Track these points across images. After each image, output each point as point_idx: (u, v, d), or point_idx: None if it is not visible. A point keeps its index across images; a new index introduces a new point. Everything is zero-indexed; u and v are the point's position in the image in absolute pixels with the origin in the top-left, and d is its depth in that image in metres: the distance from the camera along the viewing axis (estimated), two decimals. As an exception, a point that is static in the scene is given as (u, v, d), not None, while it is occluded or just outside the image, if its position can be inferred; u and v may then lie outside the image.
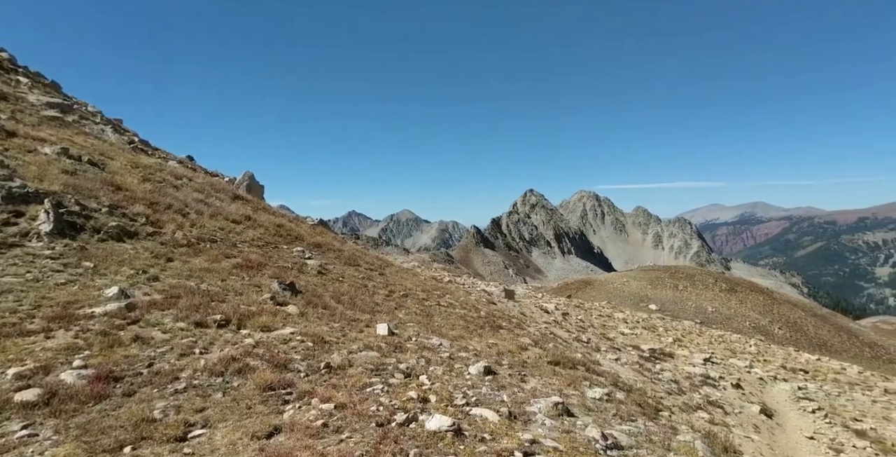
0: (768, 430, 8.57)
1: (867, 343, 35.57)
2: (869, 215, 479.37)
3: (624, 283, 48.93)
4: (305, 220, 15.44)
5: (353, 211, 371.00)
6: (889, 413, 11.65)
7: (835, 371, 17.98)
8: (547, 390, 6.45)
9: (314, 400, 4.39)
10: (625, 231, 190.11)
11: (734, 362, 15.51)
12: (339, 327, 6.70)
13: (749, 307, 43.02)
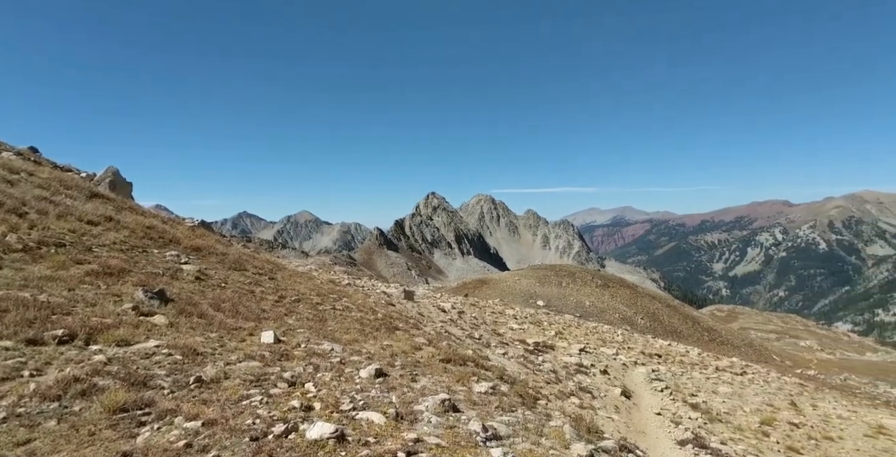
0: (626, 409, 9.60)
1: (706, 329, 41.32)
2: (709, 219, 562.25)
3: (516, 281, 51.51)
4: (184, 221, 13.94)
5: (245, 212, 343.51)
6: (717, 387, 13.72)
7: (681, 354, 20.73)
8: (436, 388, 6.52)
9: (178, 419, 3.92)
10: (517, 233, 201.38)
11: (604, 350, 17.13)
12: (217, 337, 6.14)
13: (619, 301, 47.50)
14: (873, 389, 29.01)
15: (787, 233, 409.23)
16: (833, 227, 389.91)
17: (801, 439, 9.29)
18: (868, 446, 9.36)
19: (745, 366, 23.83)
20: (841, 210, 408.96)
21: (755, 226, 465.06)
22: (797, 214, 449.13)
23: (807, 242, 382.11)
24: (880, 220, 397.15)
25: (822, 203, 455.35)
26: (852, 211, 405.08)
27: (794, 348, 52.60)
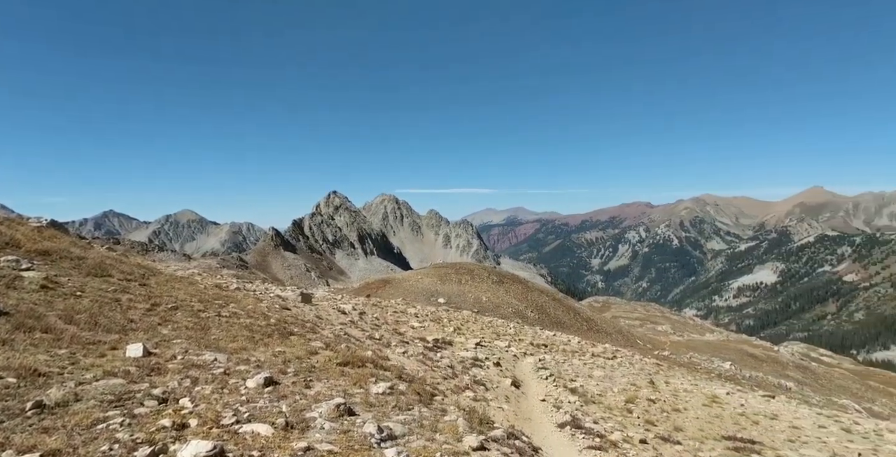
0: (515, 399, 10.17)
1: (585, 319, 45.31)
2: (588, 219, 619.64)
3: (418, 280, 51.84)
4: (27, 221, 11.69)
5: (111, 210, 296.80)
6: (592, 372, 15.15)
7: (564, 343, 22.53)
8: (331, 393, 6.28)
9: (6, 454, 3.26)
10: (420, 232, 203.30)
11: (498, 343, 17.97)
12: (68, 354, 5.24)
13: (512, 296, 50.04)
14: (710, 364, 34.24)
15: (649, 231, 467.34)
16: (683, 226, 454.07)
17: (657, 412, 10.61)
18: (705, 413, 11.01)
19: (615, 351, 26.59)
20: (689, 211, 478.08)
21: (624, 225, 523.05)
22: (656, 215, 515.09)
23: (663, 239, 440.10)
24: (717, 219, 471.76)
25: (674, 205, 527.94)
26: (697, 212, 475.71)
27: (653, 332, 60.04)
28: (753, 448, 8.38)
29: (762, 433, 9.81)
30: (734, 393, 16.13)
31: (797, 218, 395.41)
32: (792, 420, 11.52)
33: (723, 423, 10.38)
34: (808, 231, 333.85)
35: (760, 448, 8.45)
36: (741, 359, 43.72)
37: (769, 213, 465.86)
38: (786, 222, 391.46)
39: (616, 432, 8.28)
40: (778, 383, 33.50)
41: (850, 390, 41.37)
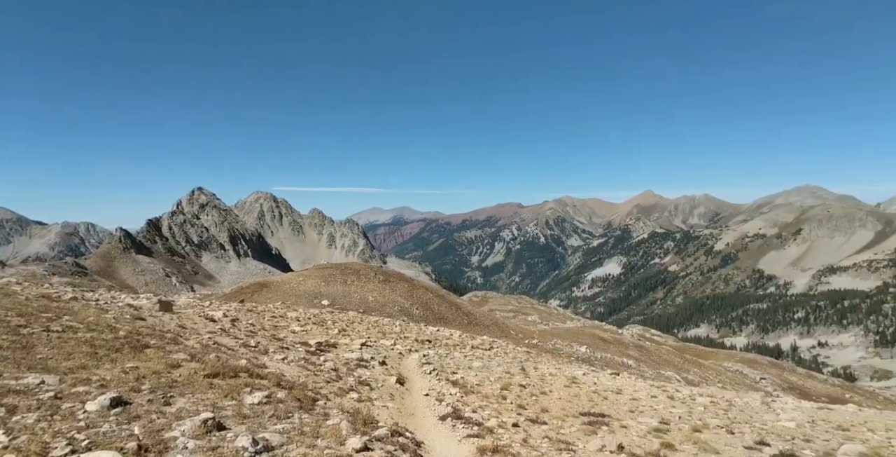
0: (400, 395, 10.24)
1: (465, 313, 47.42)
2: (468, 218, 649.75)
3: (300, 282, 49.18)
4: None
5: None
6: (471, 363, 15.93)
7: (446, 338, 23.33)
8: (197, 408, 5.65)
9: None
10: (302, 232, 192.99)
11: (383, 342, 17.89)
12: None
13: (398, 294, 50.19)
14: (570, 349, 38.33)
15: (521, 230, 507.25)
16: (549, 224, 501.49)
17: (527, 396, 11.55)
18: (566, 394, 12.30)
19: (492, 342, 28.28)
20: (553, 211, 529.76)
21: (500, 224, 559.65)
22: (527, 215, 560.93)
23: (532, 236, 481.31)
24: (575, 219, 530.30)
25: (541, 206, 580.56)
26: (559, 212, 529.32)
27: (524, 322, 65.19)
28: (603, 421, 9.59)
29: (610, 407, 11.28)
30: (589, 374, 18.26)
31: (635, 218, 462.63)
32: (632, 393, 13.45)
33: (580, 401, 11.69)
34: (643, 229, 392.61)
35: (609, 420, 9.70)
36: (594, 343, 49.63)
37: (615, 213, 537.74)
38: (627, 221, 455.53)
39: (492, 419, 8.81)
40: (622, 362, 38.76)
41: (672, 363, 49.58)
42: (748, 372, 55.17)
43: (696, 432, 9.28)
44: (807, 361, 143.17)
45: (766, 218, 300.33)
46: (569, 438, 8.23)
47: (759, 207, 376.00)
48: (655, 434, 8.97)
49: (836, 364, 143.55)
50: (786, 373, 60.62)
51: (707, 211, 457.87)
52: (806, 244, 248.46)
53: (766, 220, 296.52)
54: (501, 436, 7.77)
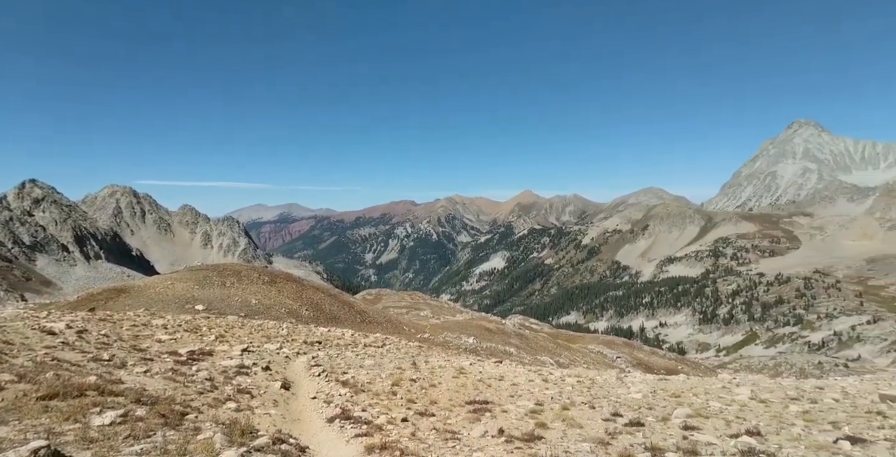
0: (285, 401, 9.71)
1: (358, 311, 46.60)
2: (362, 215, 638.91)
3: (168, 286, 43.78)
4: None
5: None
6: (363, 362, 15.74)
7: (338, 338, 22.67)
8: (26, 436, 4.73)
9: None
10: (171, 231, 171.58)
11: (268, 346, 16.76)
12: None
13: (285, 295, 47.43)
14: (459, 341, 39.91)
15: (414, 227, 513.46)
16: (440, 222, 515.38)
17: (417, 390, 11.75)
18: (454, 384, 12.78)
19: (384, 339, 28.20)
20: (444, 209, 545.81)
21: (394, 221, 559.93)
22: (420, 212, 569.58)
23: (425, 234, 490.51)
24: (465, 216, 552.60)
25: (433, 203, 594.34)
26: (450, 210, 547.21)
27: (417, 317, 66.12)
28: (487, 407, 10.17)
29: (493, 394, 11.99)
30: (476, 363, 19.18)
31: (517, 215, 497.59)
32: (513, 379, 14.46)
33: (466, 390, 12.23)
34: (523, 226, 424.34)
35: (492, 406, 10.31)
36: (481, 334, 52.29)
37: (499, 211, 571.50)
38: (510, 219, 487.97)
39: (382, 416, 8.80)
40: (504, 350, 41.42)
41: (548, 348, 54.40)
42: (607, 352, 62.74)
43: (565, 409, 10.30)
44: (651, 339, 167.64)
45: (622, 216, 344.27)
46: (455, 427, 8.57)
47: (616, 206, 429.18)
48: (531, 415, 9.76)
49: (672, 341, 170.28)
50: (635, 351, 70.20)
51: (576, 209, 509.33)
52: (651, 238, 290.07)
53: (621, 217, 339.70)
54: (390, 432, 7.80)
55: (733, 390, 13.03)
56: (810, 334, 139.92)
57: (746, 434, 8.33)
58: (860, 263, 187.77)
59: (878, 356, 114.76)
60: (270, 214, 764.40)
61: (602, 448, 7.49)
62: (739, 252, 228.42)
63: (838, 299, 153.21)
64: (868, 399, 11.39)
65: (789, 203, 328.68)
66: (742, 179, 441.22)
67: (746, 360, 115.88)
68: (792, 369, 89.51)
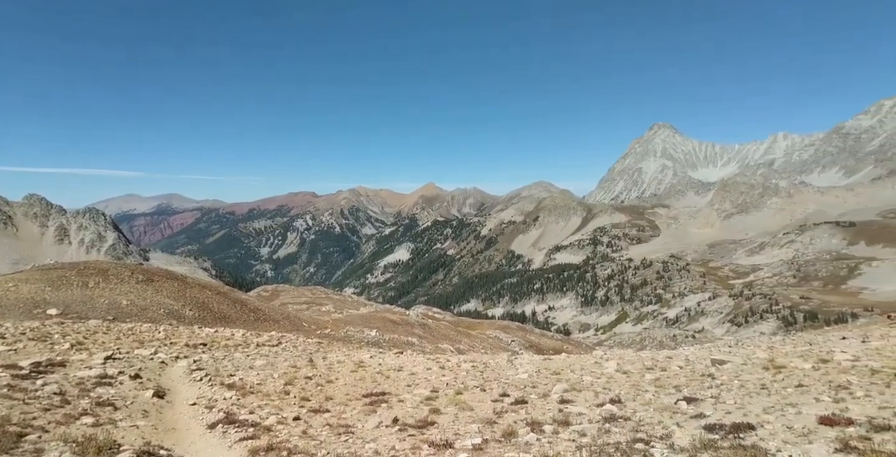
0: (158, 411, 8.77)
1: (252, 309, 43.67)
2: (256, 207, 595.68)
3: (10, 289, 36.85)
4: None
5: None
6: (254, 362, 14.81)
7: (226, 338, 21.00)
8: None
9: None
10: (13, 224, 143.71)
11: (140, 352, 14.95)
12: None
13: (164, 295, 42.78)
14: (361, 334, 39.46)
15: (315, 219, 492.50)
16: (343, 214, 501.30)
17: (312, 387, 11.39)
18: (352, 379, 12.65)
19: (280, 337, 26.79)
20: (347, 201, 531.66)
21: (293, 213, 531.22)
22: (321, 204, 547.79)
23: (328, 226, 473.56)
24: (369, 208, 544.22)
25: (336, 195, 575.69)
26: (354, 202, 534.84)
27: (318, 313, 63.84)
28: (384, 398, 10.23)
29: (391, 385, 12.09)
30: (376, 356, 19.14)
31: (420, 207, 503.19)
32: (411, 369, 14.71)
33: (364, 383, 12.16)
34: (427, 218, 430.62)
35: (388, 397, 10.40)
36: (385, 326, 52.22)
37: (404, 203, 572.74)
38: (414, 211, 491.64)
39: (272, 417, 8.38)
40: (407, 341, 41.90)
41: (449, 336, 56.21)
42: (503, 337, 66.74)
43: (458, 394, 10.76)
44: (541, 322, 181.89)
45: (516, 208, 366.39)
46: (350, 421, 8.49)
47: (511, 199, 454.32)
48: (427, 403, 10.04)
49: (559, 323, 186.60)
50: (528, 334, 75.66)
51: (475, 202, 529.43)
52: (541, 228, 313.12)
53: (515, 209, 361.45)
54: (279, 432, 7.47)
55: (603, 364, 14.71)
56: (667, 311, 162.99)
57: (610, 403, 9.48)
58: (703, 248, 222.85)
59: (717, 327, 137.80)
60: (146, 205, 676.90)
61: (489, 427, 7.98)
62: (613, 240, 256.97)
63: (688, 280, 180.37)
64: (703, 364, 13.64)
65: (652, 196, 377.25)
66: (615, 174, 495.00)
67: (619, 337, 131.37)
68: (654, 342, 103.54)
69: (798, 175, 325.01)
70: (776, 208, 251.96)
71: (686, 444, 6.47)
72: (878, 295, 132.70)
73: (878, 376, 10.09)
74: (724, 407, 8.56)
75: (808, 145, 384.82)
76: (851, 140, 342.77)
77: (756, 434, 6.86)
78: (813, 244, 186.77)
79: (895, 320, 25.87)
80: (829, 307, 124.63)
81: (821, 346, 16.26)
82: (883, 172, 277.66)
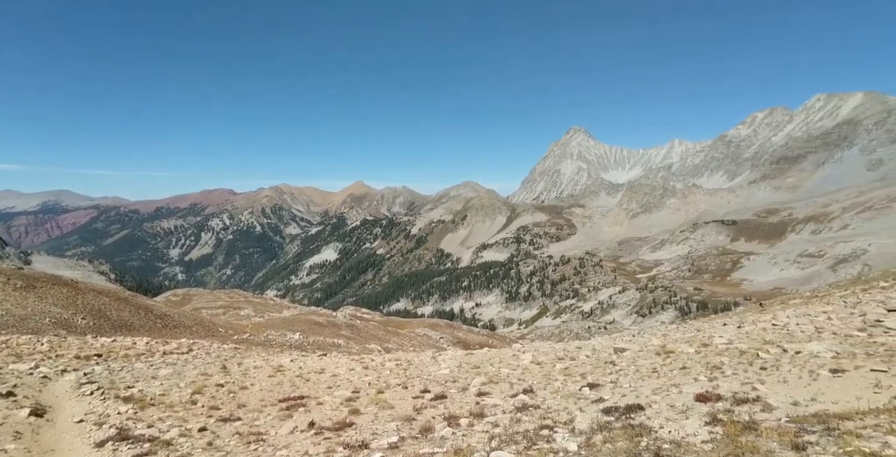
0: (34, 431, 7.77)
1: (159, 316, 40.08)
2: (164, 205, 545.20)
3: None
4: None
5: None
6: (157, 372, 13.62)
7: (126, 348, 19.06)
8: None
9: None
10: None
11: (16, 367, 13.09)
12: None
13: (50, 302, 37.87)
14: (284, 338, 37.82)
15: (233, 218, 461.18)
16: (265, 213, 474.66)
17: (223, 395, 10.75)
18: (269, 384, 12.14)
19: (192, 344, 24.84)
20: (269, 199, 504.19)
21: (207, 212, 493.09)
22: (240, 202, 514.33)
23: (247, 225, 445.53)
24: (293, 207, 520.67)
25: (256, 193, 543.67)
26: (276, 200, 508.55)
27: (236, 317, 59.98)
28: (302, 402, 9.93)
29: (311, 388, 11.76)
30: (298, 359, 18.45)
31: (349, 206, 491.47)
32: (333, 370, 14.41)
33: (282, 388, 11.71)
34: (356, 217, 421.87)
35: (307, 401, 10.12)
36: (310, 328, 50.37)
37: (331, 201, 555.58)
38: (342, 210, 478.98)
39: (174, 429, 7.79)
40: (333, 342, 40.84)
41: (377, 336, 55.62)
42: (432, 334, 67.38)
43: (379, 393, 10.76)
44: (469, 319, 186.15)
45: (445, 207, 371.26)
46: (262, 428, 8.15)
47: (440, 198, 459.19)
48: (347, 404, 9.92)
49: (485, 318, 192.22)
50: (456, 331, 77.10)
51: (405, 201, 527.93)
52: (469, 227, 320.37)
53: (444, 208, 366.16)
54: (181, 446, 6.98)
55: (520, 356, 15.48)
56: (583, 305, 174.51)
57: (523, 393, 10.03)
58: (614, 245, 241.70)
59: (626, 318, 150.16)
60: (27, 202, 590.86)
61: (408, 424, 8.09)
62: (535, 238, 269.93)
63: (601, 275, 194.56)
64: (607, 353, 14.88)
65: (569, 196, 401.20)
66: (536, 175, 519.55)
67: (540, 330, 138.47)
68: (571, 334, 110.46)
69: (692, 178, 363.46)
70: (674, 208, 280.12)
71: (585, 427, 7.05)
72: (755, 285, 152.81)
73: (744, 356, 11.68)
74: (621, 391, 9.43)
75: (699, 151, 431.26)
76: (733, 147, 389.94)
77: (645, 414, 7.66)
78: (704, 241, 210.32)
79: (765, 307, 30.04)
80: (717, 297, 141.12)
81: (705, 332, 18.42)
82: (757, 176, 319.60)
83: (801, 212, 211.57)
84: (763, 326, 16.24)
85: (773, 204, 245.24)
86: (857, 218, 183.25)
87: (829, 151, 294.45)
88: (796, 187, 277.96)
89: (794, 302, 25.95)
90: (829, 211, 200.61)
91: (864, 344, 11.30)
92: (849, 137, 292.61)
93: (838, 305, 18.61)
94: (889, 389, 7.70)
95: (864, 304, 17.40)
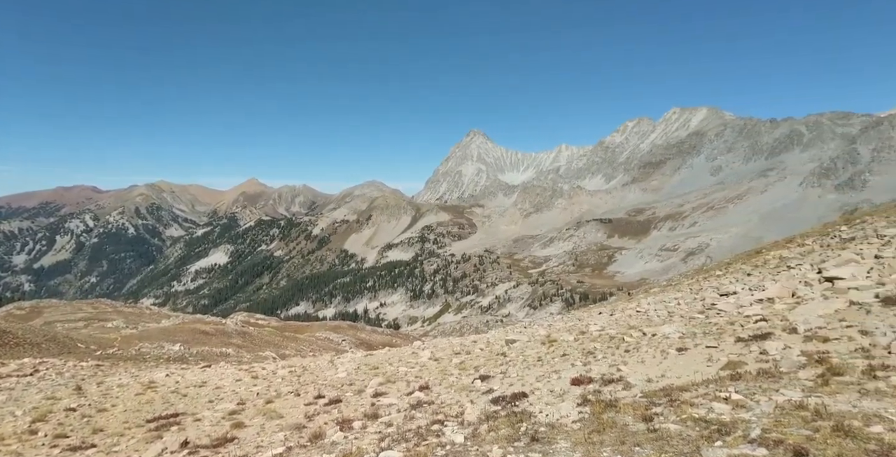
0: None
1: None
2: (5, 204, 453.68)
3: None
4: None
5: None
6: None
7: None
8: None
9: None
10: None
11: None
12: None
13: None
14: (160, 350, 33.67)
15: (99, 219, 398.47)
16: (139, 213, 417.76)
17: (75, 421, 9.24)
18: (135, 403, 10.67)
19: (38, 364, 20.97)
20: (145, 197, 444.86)
21: (64, 212, 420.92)
22: (106, 201, 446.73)
23: (117, 227, 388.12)
24: (174, 207, 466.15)
25: (128, 190, 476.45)
26: (154, 199, 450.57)
27: (101, 330, 51.90)
28: (175, 421, 8.91)
29: (188, 403, 10.60)
30: (175, 373, 16.53)
31: (241, 205, 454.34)
32: (217, 383, 13.17)
33: (153, 406, 10.39)
34: (250, 217, 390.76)
35: (182, 418, 9.10)
36: (193, 338, 45.43)
37: (220, 201, 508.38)
38: (234, 209, 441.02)
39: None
40: (221, 352, 37.37)
41: (273, 342, 52.16)
42: (333, 337, 65.08)
43: (268, 403, 10.08)
44: (373, 319, 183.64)
45: (349, 206, 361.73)
46: (123, 454, 7.14)
47: (344, 197, 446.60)
48: (230, 417, 9.13)
49: (390, 318, 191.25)
50: (359, 332, 75.44)
51: (306, 200, 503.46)
52: (374, 227, 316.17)
53: (349, 208, 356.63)
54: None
55: (419, 354, 15.64)
56: (482, 300, 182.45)
57: (419, 390, 10.14)
58: (510, 243, 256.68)
59: (520, 311, 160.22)
60: None
61: (297, 433, 7.69)
62: (439, 237, 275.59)
63: (498, 271, 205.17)
64: (499, 345, 15.70)
65: (470, 197, 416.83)
66: (440, 175, 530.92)
67: (443, 326, 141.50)
68: (471, 329, 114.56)
69: (576, 180, 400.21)
70: (561, 208, 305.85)
71: (474, 418, 7.34)
72: (626, 276, 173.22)
73: (613, 341, 13.13)
74: (509, 380, 10.00)
75: (582, 155, 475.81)
76: (609, 152, 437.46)
77: (528, 400, 8.21)
78: (585, 238, 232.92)
79: (632, 296, 34.12)
80: (596, 289, 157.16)
81: (584, 321, 20.36)
82: (629, 179, 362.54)
83: (662, 211, 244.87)
84: (629, 313, 18.41)
85: (640, 204, 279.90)
86: (703, 216, 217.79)
87: (683, 157, 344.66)
88: (659, 189, 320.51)
89: (654, 291, 29.86)
90: (682, 210, 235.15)
91: (703, 325, 13.40)
92: (697, 146, 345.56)
93: (686, 292, 21.83)
94: (717, 362, 9.21)
95: (704, 290, 20.63)
